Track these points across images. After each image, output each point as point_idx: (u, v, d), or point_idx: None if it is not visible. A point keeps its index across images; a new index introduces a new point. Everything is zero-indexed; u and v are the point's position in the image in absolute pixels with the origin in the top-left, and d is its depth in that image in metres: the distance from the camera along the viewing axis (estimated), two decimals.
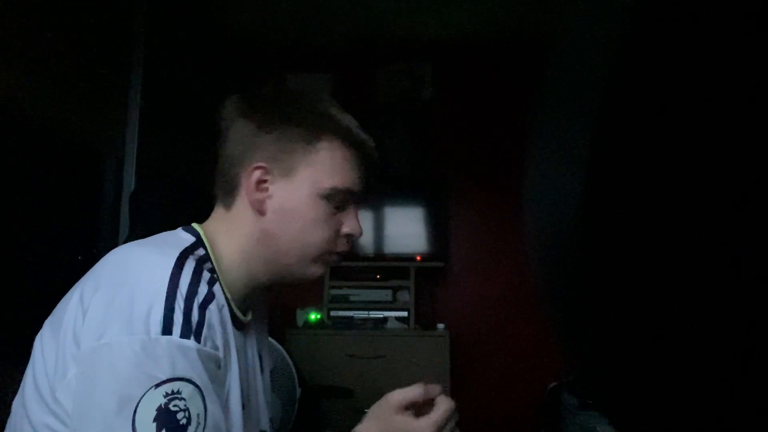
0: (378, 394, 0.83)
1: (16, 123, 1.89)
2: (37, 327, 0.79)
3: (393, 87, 3.43)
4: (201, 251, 0.82)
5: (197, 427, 0.68)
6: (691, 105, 0.31)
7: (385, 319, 3.04)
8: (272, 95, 0.92)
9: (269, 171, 0.86)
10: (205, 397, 0.70)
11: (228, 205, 0.89)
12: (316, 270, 0.90)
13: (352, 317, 3.06)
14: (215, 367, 0.75)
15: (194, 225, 0.89)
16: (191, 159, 2.77)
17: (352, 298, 3.10)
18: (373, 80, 3.44)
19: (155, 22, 2.50)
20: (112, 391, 0.66)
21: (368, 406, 0.84)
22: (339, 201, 0.88)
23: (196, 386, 0.69)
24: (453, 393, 2.75)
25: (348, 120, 0.90)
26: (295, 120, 0.87)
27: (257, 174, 0.86)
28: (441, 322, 3.05)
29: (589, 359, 0.38)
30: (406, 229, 3.25)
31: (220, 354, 0.76)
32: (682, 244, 0.32)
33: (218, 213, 0.91)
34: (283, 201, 0.86)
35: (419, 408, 0.82)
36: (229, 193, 0.89)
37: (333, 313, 3.08)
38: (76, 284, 0.79)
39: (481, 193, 3.32)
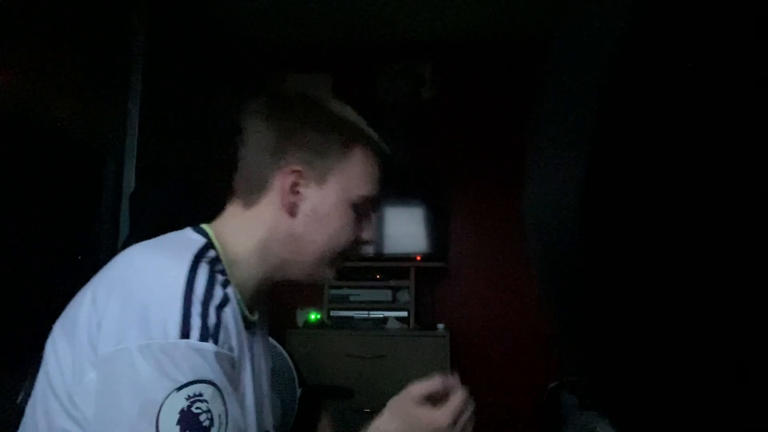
0: (378, 394, 0.84)
1: (16, 123, 1.89)
2: (38, 327, 0.79)
3: (393, 87, 3.43)
4: (212, 253, 0.83)
5: (219, 428, 0.68)
6: (689, 107, 0.31)
7: (385, 319, 3.04)
8: (298, 98, 0.94)
9: (303, 175, 0.88)
10: (225, 399, 0.70)
11: (249, 205, 0.90)
12: (329, 272, 0.93)
13: (352, 317, 3.06)
14: (231, 368, 0.75)
15: (203, 225, 0.89)
16: (191, 159, 2.78)
17: (352, 298, 3.10)
18: (373, 80, 3.44)
19: (155, 22, 2.50)
20: (134, 396, 0.66)
21: (368, 406, 0.86)
22: (363, 208, 0.92)
23: (217, 388, 0.70)
24: None
25: (371, 129, 0.94)
26: (329, 126, 0.90)
27: (292, 177, 0.88)
28: (441, 322, 3.05)
29: (590, 359, 0.38)
30: (406, 229, 3.25)
31: (235, 355, 0.77)
32: (681, 246, 0.32)
33: (235, 211, 0.91)
34: (316, 205, 0.89)
35: (436, 400, 0.89)
36: (254, 193, 0.90)
37: (333, 313, 3.08)
38: (86, 287, 0.79)
39: (481, 193, 3.32)
